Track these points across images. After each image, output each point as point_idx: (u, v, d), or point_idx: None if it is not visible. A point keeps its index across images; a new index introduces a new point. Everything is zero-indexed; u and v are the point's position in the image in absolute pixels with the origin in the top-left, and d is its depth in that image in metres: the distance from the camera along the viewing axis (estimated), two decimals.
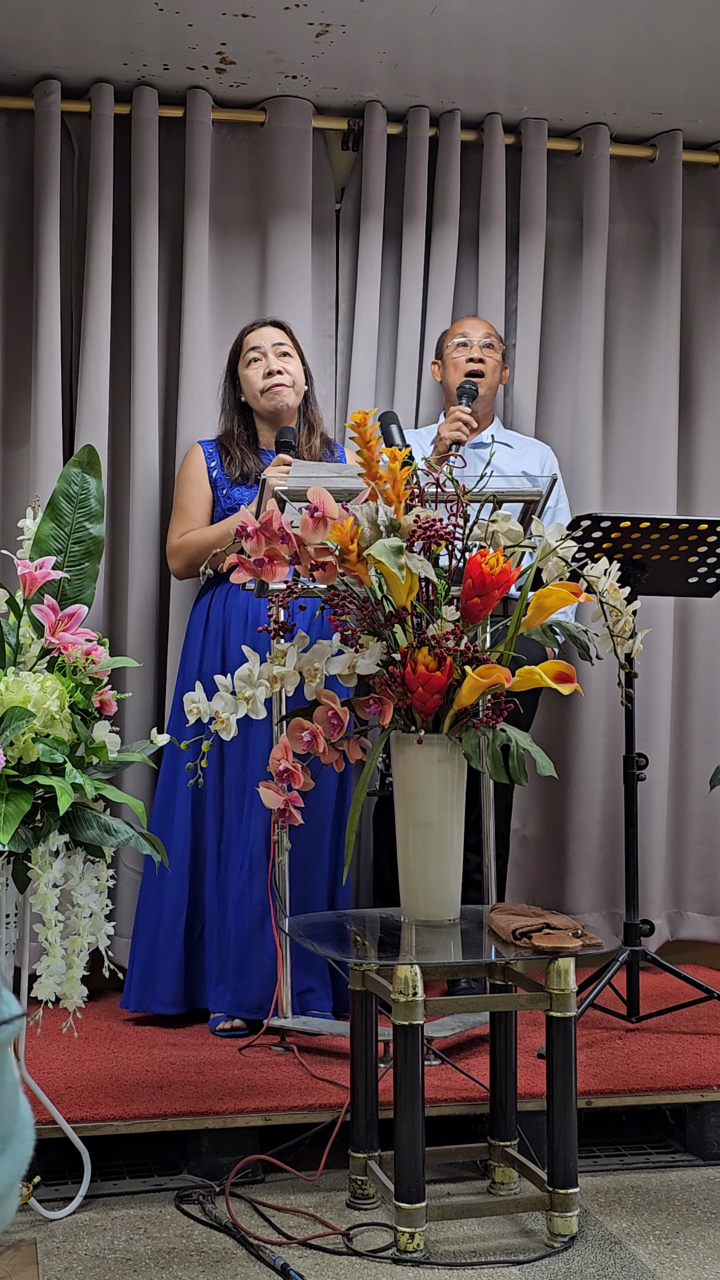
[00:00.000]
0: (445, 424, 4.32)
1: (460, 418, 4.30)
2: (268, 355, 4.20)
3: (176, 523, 4.25)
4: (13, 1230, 2.97)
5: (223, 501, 4.19)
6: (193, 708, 3.16)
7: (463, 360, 4.49)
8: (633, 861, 4.02)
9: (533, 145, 4.82)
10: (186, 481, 4.26)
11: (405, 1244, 2.85)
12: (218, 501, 4.20)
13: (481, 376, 4.47)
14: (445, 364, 4.57)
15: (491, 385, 4.53)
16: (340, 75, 4.52)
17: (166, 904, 4.04)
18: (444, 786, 3.06)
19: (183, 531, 4.21)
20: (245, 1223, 3.03)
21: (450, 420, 4.31)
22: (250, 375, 4.21)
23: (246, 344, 4.24)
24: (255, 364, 4.21)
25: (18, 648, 3.07)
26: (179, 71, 4.48)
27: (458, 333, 4.56)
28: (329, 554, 3.00)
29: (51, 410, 4.42)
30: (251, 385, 4.20)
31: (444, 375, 4.58)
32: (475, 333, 4.54)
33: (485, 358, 4.51)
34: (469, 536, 3.13)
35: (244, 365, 4.24)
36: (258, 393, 4.19)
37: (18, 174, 4.58)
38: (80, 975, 2.94)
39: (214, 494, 4.21)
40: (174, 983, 4.02)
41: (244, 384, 4.24)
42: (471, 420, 4.32)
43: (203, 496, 4.22)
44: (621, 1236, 3.00)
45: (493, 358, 4.53)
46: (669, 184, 4.92)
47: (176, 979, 4.02)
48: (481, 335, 4.54)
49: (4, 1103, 1.17)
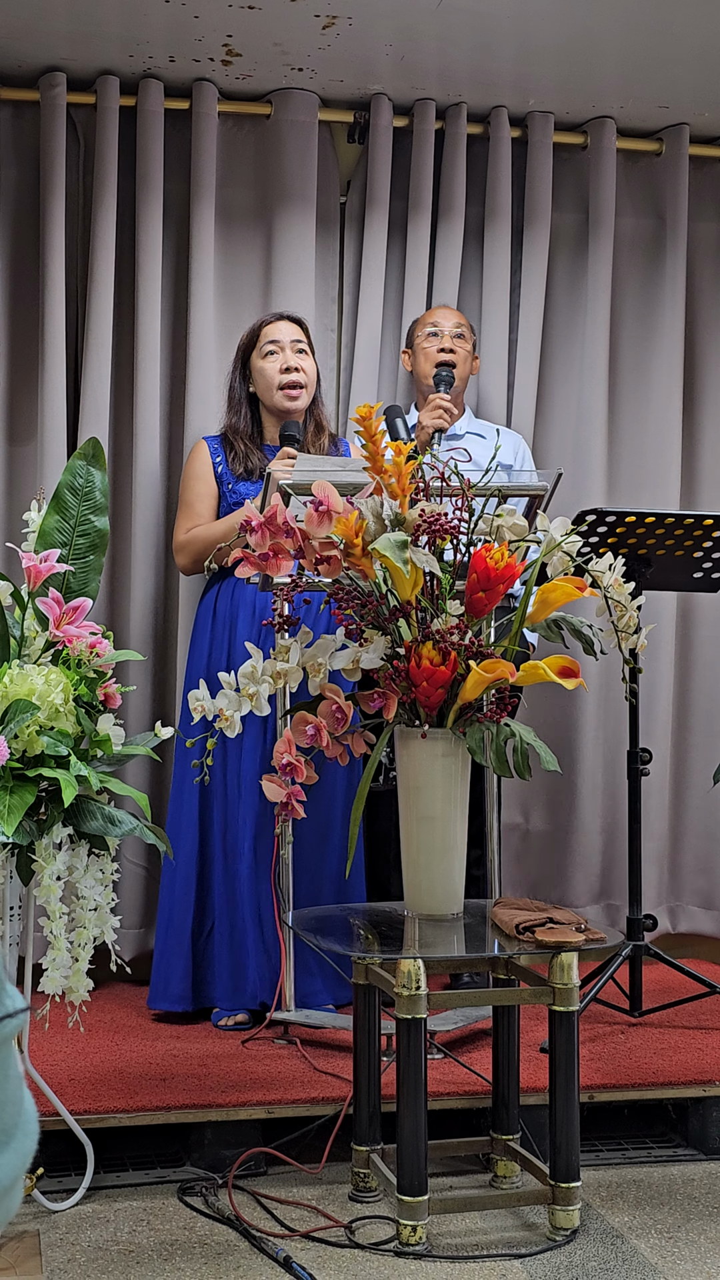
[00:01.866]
0: (425, 412, 4.28)
1: (441, 405, 4.26)
2: (285, 350, 4.17)
3: (182, 519, 4.24)
4: (16, 1221, 2.98)
5: (228, 496, 4.18)
6: (197, 705, 3.16)
7: (434, 350, 4.46)
8: (635, 857, 4.02)
9: (539, 139, 4.81)
10: (191, 477, 4.25)
11: (407, 1237, 2.86)
12: (223, 497, 4.19)
13: (453, 366, 4.45)
14: (416, 353, 4.53)
15: (463, 375, 4.51)
16: (346, 68, 4.51)
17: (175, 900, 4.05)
18: (447, 781, 3.06)
19: (189, 527, 4.21)
20: (248, 1215, 3.03)
21: (431, 408, 4.27)
22: (266, 368, 4.18)
23: (265, 335, 4.20)
24: (272, 357, 4.17)
25: (22, 640, 3.07)
26: (185, 64, 4.47)
27: (429, 322, 4.53)
28: (334, 548, 3.00)
29: (56, 403, 4.42)
30: (266, 378, 4.18)
31: (415, 364, 4.55)
32: (446, 322, 4.51)
33: (456, 348, 4.47)
34: (474, 531, 3.13)
35: (259, 356, 4.20)
36: (273, 386, 4.16)
37: (23, 166, 4.57)
38: (86, 969, 2.94)
39: (219, 489, 4.20)
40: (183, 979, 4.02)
41: (256, 375, 4.21)
42: (452, 407, 4.29)
43: (208, 492, 4.22)
44: (623, 1230, 3.01)
45: (463, 348, 4.49)
46: (675, 178, 4.91)
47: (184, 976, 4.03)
48: (453, 325, 4.51)
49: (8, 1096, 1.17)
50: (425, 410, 4.28)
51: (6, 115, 4.55)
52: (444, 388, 4.34)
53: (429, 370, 4.43)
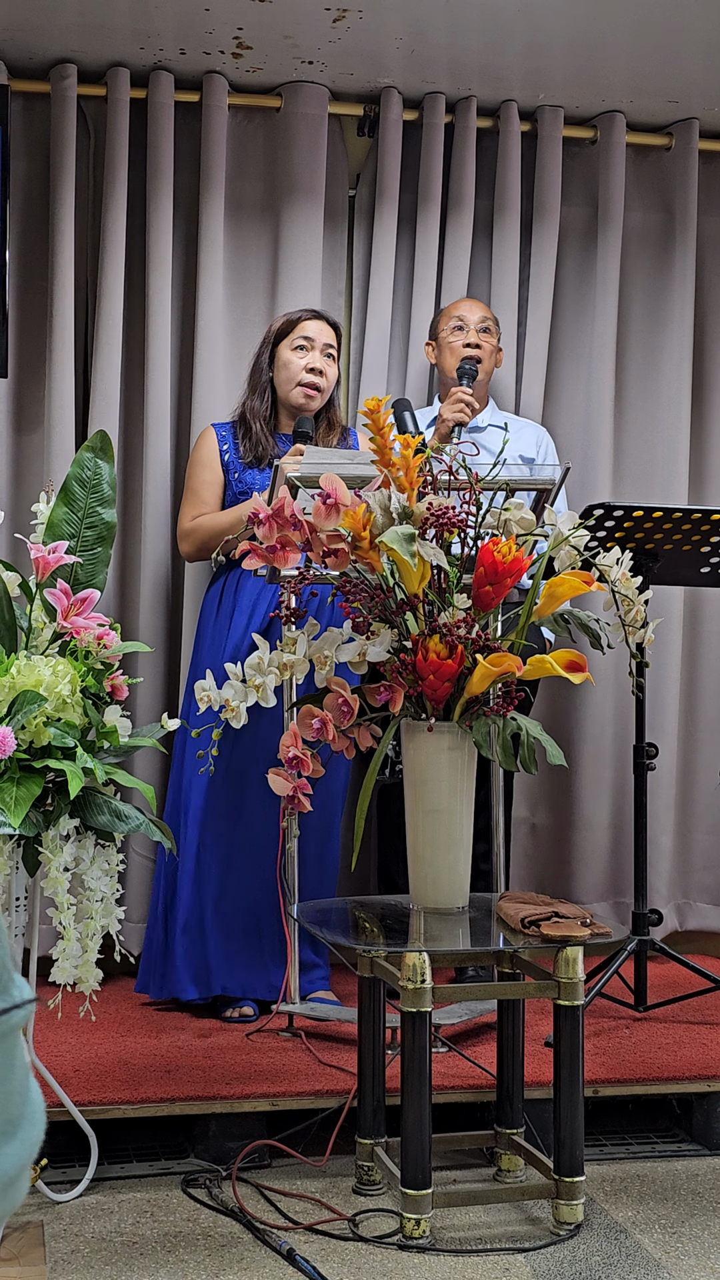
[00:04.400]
0: (447, 405, 4.29)
1: (462, 399, 4.27)
2: (315, 350, 4.16)
3: (188, 506, 4.24)
4: (20, 1212, 2.98)
5: (234, 485, 4.18)
6: (203, 695, 3.16)
7: (459, 344, 4.46)
8: (641, 851, 4.02)
9: (548, 132, 4.81)
10: (198, 464, 4.25)
11: (411, 1230, 2.86)
12: (229, 485, 4.19)
13: (479, 361, 4.44)
14: (441, 346, 4.53)
15: (488, 369, 4.51)
16: (357, 61, 4.51)
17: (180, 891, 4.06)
18: (454, 774, 3.06)
19: (194, 515, 4.20)
20: (251, 1207, 3.04)
21: (452, 401, 4.28)
22: (292, 360, 4.16)
23: (300, 329, 4.18)
24: (300, 352, 4.17)
25: (30, 631, 3.07)
26: (195, 56, 4.47)
27: (454, 315, 4.52)
28: (341, 541, 3.00)
29: (65, 395, 4.43)
30: (289, 370, 4.17)
31: (439, 358, 4.55)
32: (472, 316, 4.51)
33: (482, 342, 4.47)
34: (481, 524, 3.12)
35: (289, 346, 4.18)
36: (293, 380, 4.15)
37: (34, 158, 4.57)
38: (95, 959, 2.94)
39: (225, 477, 4.20)
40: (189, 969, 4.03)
41: (280, 364, 4.19)
42: (474, 401, 4.29)
43: (214, 480, 4.21)
44: (627, 1225, 3.01)
45: (489, 342, 4.49)
46: (684, 172, 4.90)
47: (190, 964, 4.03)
48: (478, 319, 4.50)
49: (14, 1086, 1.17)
50: (446, 403, 4.29)
51: (17, 107, 4.55)
52: (467, 381, 4.34)
53: (453, 364, 4.43)
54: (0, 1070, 1.16)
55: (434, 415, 4.40)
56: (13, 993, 1.18)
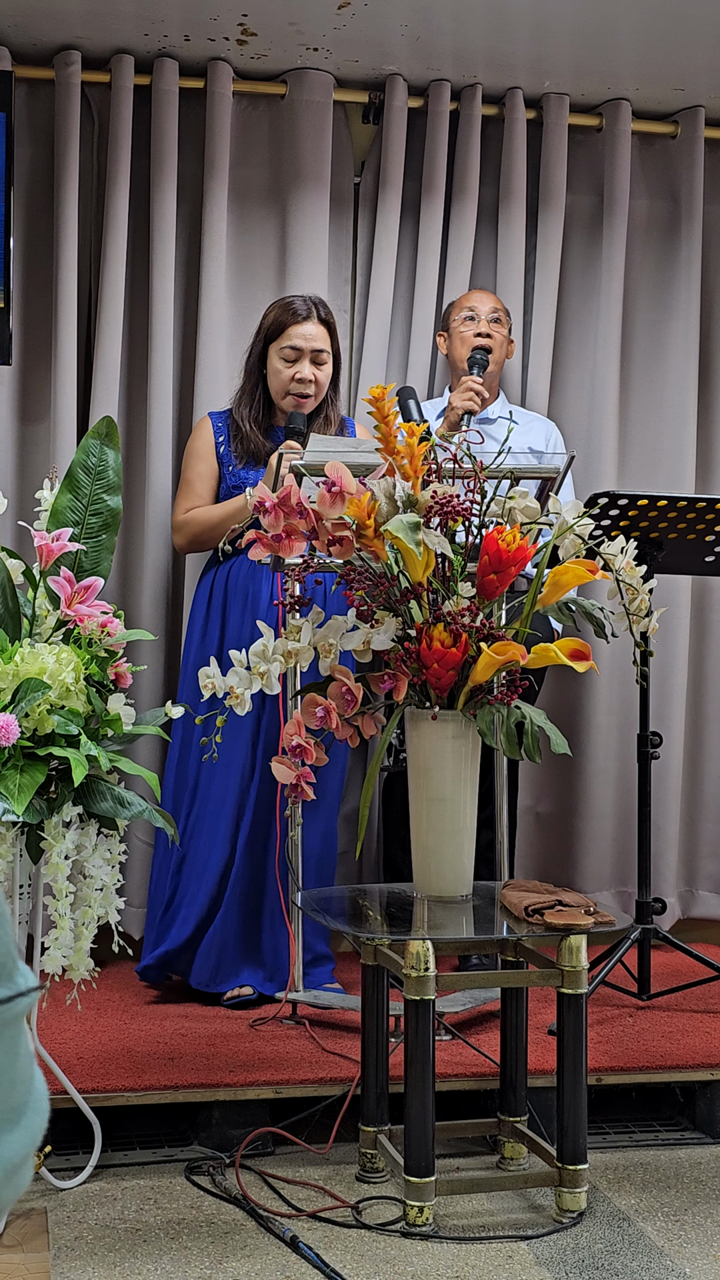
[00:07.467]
0: (456, 393, 4.29)
1: (472, 387, 4.27)
2: (305, 360, 4.11)
3: (182, 498, 4.23)
4: (24, 1199, 2.99)
5: (228, 479, 4.16)
6: (207, 683, 3.16)
7: (470, 334, 4.46)
8: (645, 840, 4.02)
9: (554, 120, 4.79)
10: (193, 456, 4.24)
11: (414, 1218, 2.86)
12: (223, 478, 4.18)
13: (489, 350, 4.44)
14: (452, 336, 4.53)
15: (499, 360, 4.50)
16: (362, 48, 4.49)
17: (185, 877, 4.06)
18: (458, 762, 3.06)
19: (187, 508, 4.20)
20: (255, 1195, 3.04)
21: (462, 389, 4.28)
22: (281, 370, 4.12)
23: (290, 335, 4.11)
24: (288, 363, 4.12)
25: (34, 619, 3.07)
26: (200, 43, 4.46)
27: (465, 306, 4.52)
28: (346, 529, 3.00)
29: (68, 382, 4.42)
30: (279, 380, 4.13)
31: (450, 348, 4.55)
32: (483, 306, 4.50)
33: (493, 332, 4.47)
34: (486, 513, 3.12)
35: (277, 352, 4.12)
36: (283, 390, 4.12)
37: (38, 144, 4.56)
38: (88, 947, 2.94)
39: (220, 470, 4.19)
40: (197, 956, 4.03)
41: (270, 369, 4.16)
42: (484, 390, 4.29)
43: (209, 472, 4.20)
44: (630, 1213, 3.01)
45: (500, 332, 4.49)
46: (690, 160, 4.89)
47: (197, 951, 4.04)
48: (489, 309, 4.50)
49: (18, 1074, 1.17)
50: (456, 392, 4.29)
51: (21, 94, 4.54)
52: (477, 370, 4.34)
53: (464, 354, 4.43)
54: (4, 1058, 1.15)
55: (444, 406, 4.40)
56: (17, 980, 1.18)
